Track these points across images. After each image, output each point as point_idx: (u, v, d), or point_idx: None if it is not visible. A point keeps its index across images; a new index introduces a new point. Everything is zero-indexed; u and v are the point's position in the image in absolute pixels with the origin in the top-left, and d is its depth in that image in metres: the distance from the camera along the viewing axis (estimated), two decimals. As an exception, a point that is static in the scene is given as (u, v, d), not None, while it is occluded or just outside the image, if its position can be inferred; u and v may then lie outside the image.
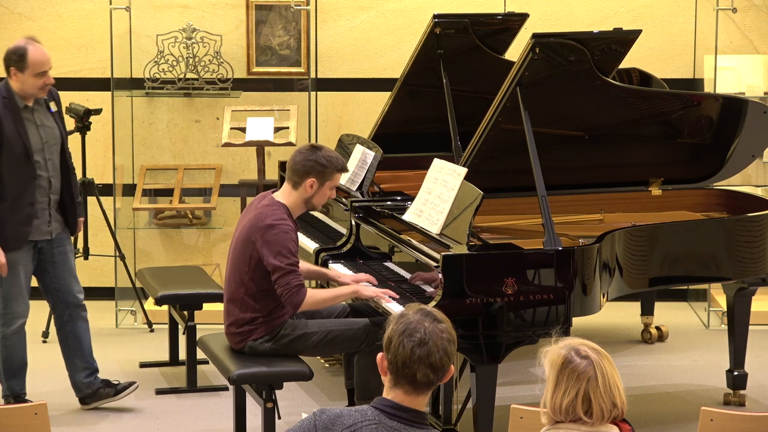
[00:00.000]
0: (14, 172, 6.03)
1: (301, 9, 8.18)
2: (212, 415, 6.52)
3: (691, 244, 6.01)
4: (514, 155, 5.86)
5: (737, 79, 8.16)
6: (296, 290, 5.50)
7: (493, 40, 7.07)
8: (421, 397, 3.32)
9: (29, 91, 6.03)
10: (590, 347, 3.38)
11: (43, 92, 6.07)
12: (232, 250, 5.71)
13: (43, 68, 6.01)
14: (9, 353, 6.28)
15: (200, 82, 8.25)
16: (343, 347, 5.86)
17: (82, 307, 6.41)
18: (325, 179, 5.65)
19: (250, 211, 5.71)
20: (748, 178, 8.22)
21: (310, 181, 5.63)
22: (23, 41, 6.07)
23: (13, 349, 6.28)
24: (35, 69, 5.99)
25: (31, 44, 6.04)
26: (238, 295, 5.65)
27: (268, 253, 5.51)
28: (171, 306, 6.99)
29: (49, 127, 6.15)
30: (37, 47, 6.05)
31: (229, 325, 5.70)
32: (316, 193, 5.66)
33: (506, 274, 5.33)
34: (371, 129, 7.24)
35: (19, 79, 6.01)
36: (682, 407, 6.65)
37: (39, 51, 6.03)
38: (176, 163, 8.45)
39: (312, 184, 5.64)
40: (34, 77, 6.00)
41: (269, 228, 5.53)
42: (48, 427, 4.49)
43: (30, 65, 5.99)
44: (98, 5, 8.35)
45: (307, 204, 5.70)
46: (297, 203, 5.68)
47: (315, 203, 5.72)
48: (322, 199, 5.72)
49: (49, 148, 6.13)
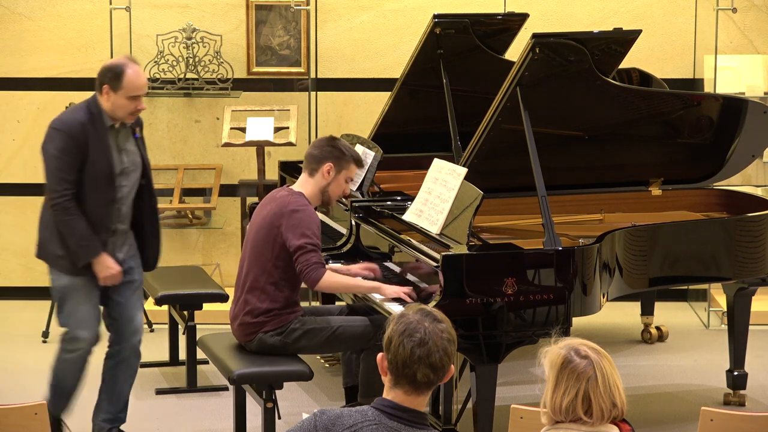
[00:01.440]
0: (95, 193, 5.64)
1: (301, 9, 8.18)
2: (212, 415, 6.52)
3: (691, 244, 6.01)
4: (514, 155, 5.86)
5: (737, 79, 8.16)
6: (315, 267, 5.54)
7: (493, 40, 7.07)
8: (421, 398, 3.32)
9: (118, 113, 5.64)
10: (590, 347, 3.38)
11: (132, 117, 5.70)
12: (252, 241, 5.73)
13: (138, 92, 5.63)
14: (63, 375, 5.86)
15: (200, 82, 8.25)
16: (352, 344, 5.87)
17: (135, 351, 5.93)
18: (342, 166, 5.73)
19: (267, 203, 5.76)
20: (748, 178, 8.22)
21: (327, 166, 5.71)
22: (123, 59, 5.72)
23: (69, 372, 5.86)
24: (129, 91, 5.61)
25: (129, 64, 5.66)
26: (259, 284, 5.67)
27: (292, 236, 5.57)
28: (171, 306, 7.00)
29: (132, 152, 5.75)
30: (135, 69, 5.66)
31: (243, 315, 5.69)
32: (332, 181, 5.73)
33: (506, 274, 5.33)
34: (371, 129, 7.24)
35: (110, 98, 5.62)
36: (682, 407, 6.65)
37: (136, 73, 5.65)
38: (176, 163, 8.45)
39: (329, 170, 5.71)
40: (127, 100, 5.61)
41: (294, 212, 5.61)
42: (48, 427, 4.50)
43: (125, 86, 5.60)
44: (98, 5, 8.35)
45: (324, 194, 5.76)
46: (314, 193, 5.75)
47: (331, 193, 5.76)
48: (337, 190, 5.77)
49: (128, 174, 5.72)
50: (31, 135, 8.43)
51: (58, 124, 5.68)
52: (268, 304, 5.65)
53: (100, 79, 5.68)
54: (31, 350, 7.53)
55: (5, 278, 8.59)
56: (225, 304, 6.79)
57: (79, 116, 5.67)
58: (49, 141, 5.67)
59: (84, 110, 5.69)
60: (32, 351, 7.50)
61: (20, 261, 8.55)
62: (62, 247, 5.70)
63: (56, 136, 5.64)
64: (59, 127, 5.66)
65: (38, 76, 8.43)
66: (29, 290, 8.53)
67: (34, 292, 8.49)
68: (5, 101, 8.46)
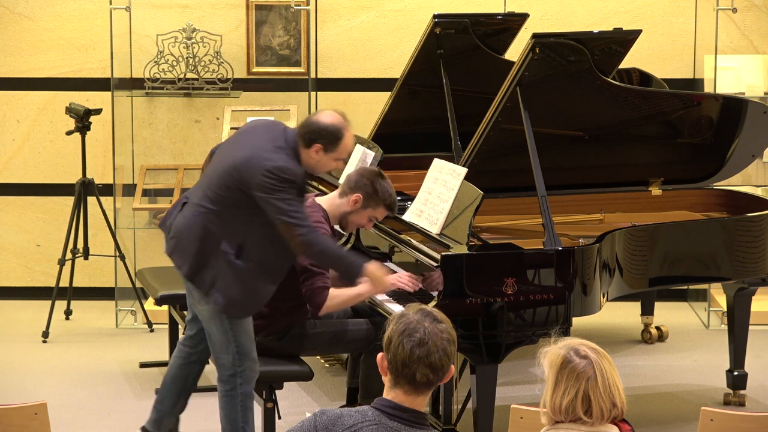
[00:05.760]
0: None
1: (301, 9, 8.18)
2: (212, 415, 6.51)
3: (691, 244, 6.01)
4: (514, 155, 5.86)
5: (737, 79, 8.16)
6: (320, 291, 5.49)
7: (493, 40, 7.07)
8: (421, 398, 3.32)
9: (317, 169, 5.41)
10: (589, 347, 3.38)
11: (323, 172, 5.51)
12: None
13: (348, 156, 5.49)
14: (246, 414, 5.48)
15: (200, 82, 8.25)
16: (352, 347, 5.86)
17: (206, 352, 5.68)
18: (369, 204, 5.62)
19: None
20: (748, 178, 8.22)
21: (356, 197, 5.62)
22: (340, 120, 5.35)
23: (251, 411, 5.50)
24: (341, 155, 5.38)
25: (347, 128, 5.34)
26: None
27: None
28: (171, 306, 6.99)
29: None
30: (351, 132, 5.36)
31: None
32: (354, 213, 5.65)
33: (506, 274, 5.33)
34: (371, 129, 7.23)
35: (318, 157, 5.31)
36: (682, 407, 6.65)
37: (351, 137, 5.38)
38: (176, 163, 8.45)
39: (357, 200, 5.62)
40: (334, 162, 5.38)
41: None
42: (48, 427, 4.50)
43: (339, 151, 5.34)
44: (98, 5, 8.35)
45: (344, 218, 5.69)
46: (335, 213, 5.68)
47: (350, 221, 5.70)
48: (357, 222, 5.70)
49: None
50: (31, 135, 8.44)
51: (289, 175, 5.24)
52: (267, 309, 5.61)
53: (312, 135, 5.31)
54: (31, 350, 7.53)
55: (5, 278, 8.59)
56: (225, 304, 6.79)
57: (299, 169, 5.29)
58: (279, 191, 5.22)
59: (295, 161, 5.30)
60: (32, 351, 7.50)
61: (20, 261, 8.55)
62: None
63: (288, 187, 5.23)
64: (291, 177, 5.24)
65: (38, 76, 8.43)
66: (29, 290, 8.54)
67: (34, 292, 8.50)
68: (5, 101, 8.46)
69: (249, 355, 5.41)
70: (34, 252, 8.58)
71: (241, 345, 5.38)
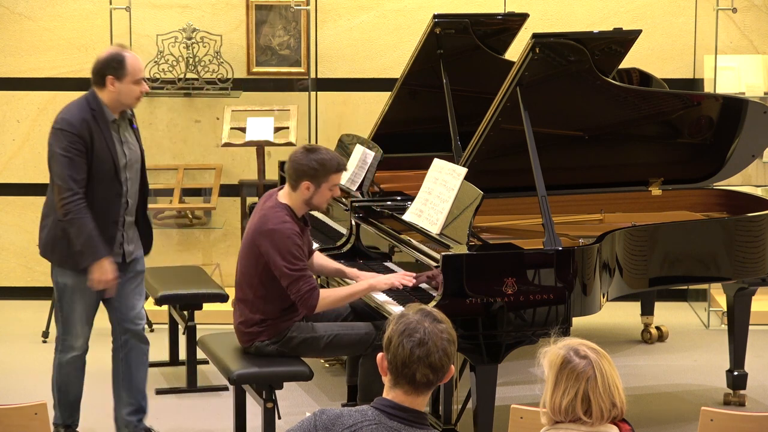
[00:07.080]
0: (103, 189, 5.66)
1: (301, 9, 8.18)
2: (212, 415, 6.52)
3: (691, 244, 6.01)
4: (514, 155, 5.86)
5: (737, 79, 8.16)
6: (308, 294, 5.48)
7: (493, 40, 7.07)
8: (421, 398, 3.32)
9: (125, 100, 5.69)
10: (589, 347, 3.38)
11: (138, 101, 5.74)
12: (242, 252, 5.70)
13: (141, 75, 5.71)
14: (64, 381, 5.91)
15: (200, 82, 8.25)
16: (350, 350, 5.86)
17: (140, 336, 5.94)
18: (320, 181, 5.58)
19: (257, 212, 5.70)
20: (748, 178, 8.22)
21: (305, 184, 5.58)
22: (117, 49, 5.77)
23: (69, 378, 5.91)
24: (134, 76, 5.67)
25: (126, 51, 5.73)
26: (248, 297, 5.64)
27: (274, 260, 5.48)
28: (171, 306, 7.00)
29: (132, 144, 5.81)
30: (133, 54, 5.75)
31: (238, 324, 5.69)
32: (314, 195, 5.61)
33: (506, 274, 5.33)
34: (371, 129, 7.24)
35: (116, 88, 5.65)
36: (682, 407, 6.65)
37: (135, 57, 5.74)
38: (176, 163, 8.45)
39: (308, 187, 5.58)
40: (133, 84, 5.67)
41: (271, 233, 5.50)
42: (48, 427, 4.50)
43: (129, 72, 5.65)
44: (98, 5, 8.35)
45: (308, 204, 5.66)
46: (298, 204, 5.65)
47: (316, 204, 5.67)
48: (322, 200, 5.67)
49: (131, 166, 5.76)
50: (31, 135, 8.44)
51: (63, 125, 5.65)
52: (260, 315, 5.61)
53: (101, 71, 5.68)
54: (31, 350, 7.53)
55: (5, 278, 8.60)
56: (225, 304, 6.80)
57: (81, 114, 5.65)
58: (54, 142, 5.64)
59: (84, 107, 5.68)
60: (32, 351, 7.51)
61: (20, 261, 8.55)
62: (69, 246, 5.68)
63: (62, 136, 5.62)
64: (64, 127, 5.64)
65: (38, 76, 8.44)
66: (29, 290, 8.54)
67: (34, 292, 8.50)
68: (5, 101, 8.47)
69: (72, 329, 5.85)
70: (34, 252, 8.52)
71: (67, 312, 5.83)
